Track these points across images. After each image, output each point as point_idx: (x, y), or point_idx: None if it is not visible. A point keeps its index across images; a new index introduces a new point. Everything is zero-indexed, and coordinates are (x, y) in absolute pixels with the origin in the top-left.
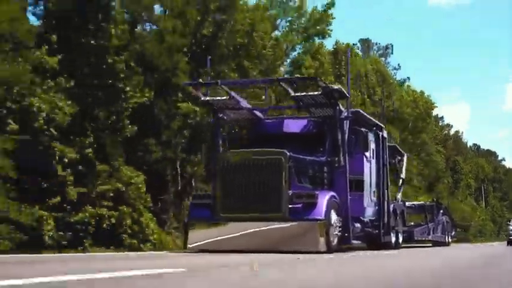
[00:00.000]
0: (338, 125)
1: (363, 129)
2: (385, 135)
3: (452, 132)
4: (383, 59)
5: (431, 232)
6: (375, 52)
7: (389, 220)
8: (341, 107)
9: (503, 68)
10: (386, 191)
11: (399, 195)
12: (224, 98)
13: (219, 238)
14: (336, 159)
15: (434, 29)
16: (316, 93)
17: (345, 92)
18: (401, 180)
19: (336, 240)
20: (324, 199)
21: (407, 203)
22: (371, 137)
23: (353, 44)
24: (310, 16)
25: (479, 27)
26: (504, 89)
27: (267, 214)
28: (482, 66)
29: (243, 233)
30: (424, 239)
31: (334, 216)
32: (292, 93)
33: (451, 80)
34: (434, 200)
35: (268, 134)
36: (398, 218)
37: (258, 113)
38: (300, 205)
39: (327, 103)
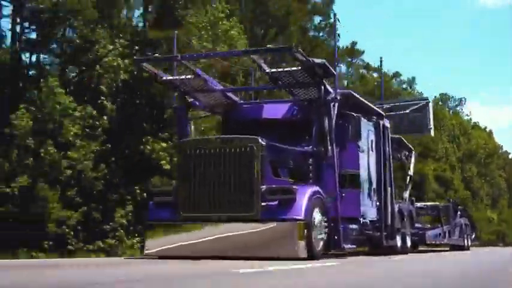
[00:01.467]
0: (324, 108)
1: (354, 114)
2: (387, 124)
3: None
4: (459, 108)
5: (447, 235)
6: (452, 103)
7: (393, 221)
8: (328, 86)
9: None
10: (389, 188)
11: (406, 194)
12: (189, 77)
13: (181, 243)
14: (322, 149)
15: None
16: (295, 68)
17: (331, 68)
18: (408, 178)
19: (321, 244)
20: (304, 195)
21: (418, 204)
22: (368, 125)
23: (434, 97)
24: None
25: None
26: None
27: (236, 213)
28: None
29: (208, 235)
30: (438, 242)
31: (318, 216)
32: (267, 70)
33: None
34: (451, 200)
35: (245, 121)
36: (405, 219)
37: (233, 97)
38: (275, 202)
39: (310, 82)
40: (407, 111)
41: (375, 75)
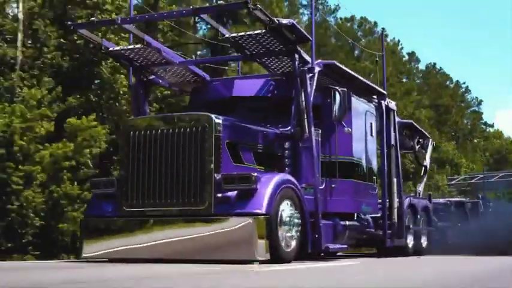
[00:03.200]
0: (299, 81)
1: (339, 88)
2: (393, 106)
3: None
4: None
5: None
6: None
7: (402, 218)
8: (304, 55)
9: None
10: (396, 179)
11: (421, 188)
12: (138, 46)
13: (122, 243)
14: (299, 129)
15: None
16: (259, 32)
17: (303, 31)
18: (423, 169)
19: (293, 244)
20: (267, 184)
21: (441, 200)
22: (366, 105)
23: None
24: None
25: None
26: None
27: (186, 207)
28: None
29: (153, 234)
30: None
31: (287, 210)
32: (227, 34)
33: None
34: (480, 196)
35: (214, 100)
36: (419, 216)
37: (200, 72)
38: (232, 194)
39: (282, 50)
40: None
41: None
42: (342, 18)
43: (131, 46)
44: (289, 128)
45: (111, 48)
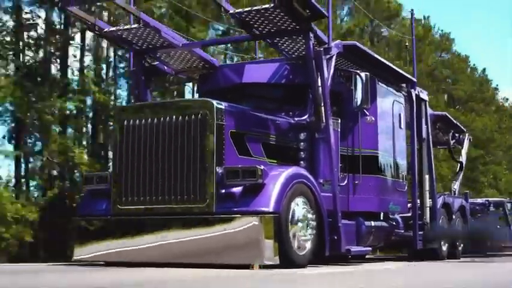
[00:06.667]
0: (314, 63)
1: (361, 72)
2: (425, 96)
3: None
4: None
5: None
6: None
7: (434, 219)
8: (320, 34)
9: None
10: (428, 176)
11: (456, 186)
12: (134, 26)
13: (117, 245)
14: (314, 119)
15: None
16: (267, 6)
17: (317, 5)
18: (459, 166)
19: (307, 247)
20: (276, 178)
21: (478, 200)
22: (394, 94)
23: None
24: None
25: None
26: None
27: (184, 205)
28: None
29: (150, 236)
30: (503, 245)
31: (300, 208)
32: (231, 10)
33: None
34: None
35: (223, 88)
36: (454, 216)
37: (208, 57)
38: (237, 190)
39: (295, 29)
40: None
41: None
42: None
43: (127, 26)
44: (306, 117)
45: (106, 29)
